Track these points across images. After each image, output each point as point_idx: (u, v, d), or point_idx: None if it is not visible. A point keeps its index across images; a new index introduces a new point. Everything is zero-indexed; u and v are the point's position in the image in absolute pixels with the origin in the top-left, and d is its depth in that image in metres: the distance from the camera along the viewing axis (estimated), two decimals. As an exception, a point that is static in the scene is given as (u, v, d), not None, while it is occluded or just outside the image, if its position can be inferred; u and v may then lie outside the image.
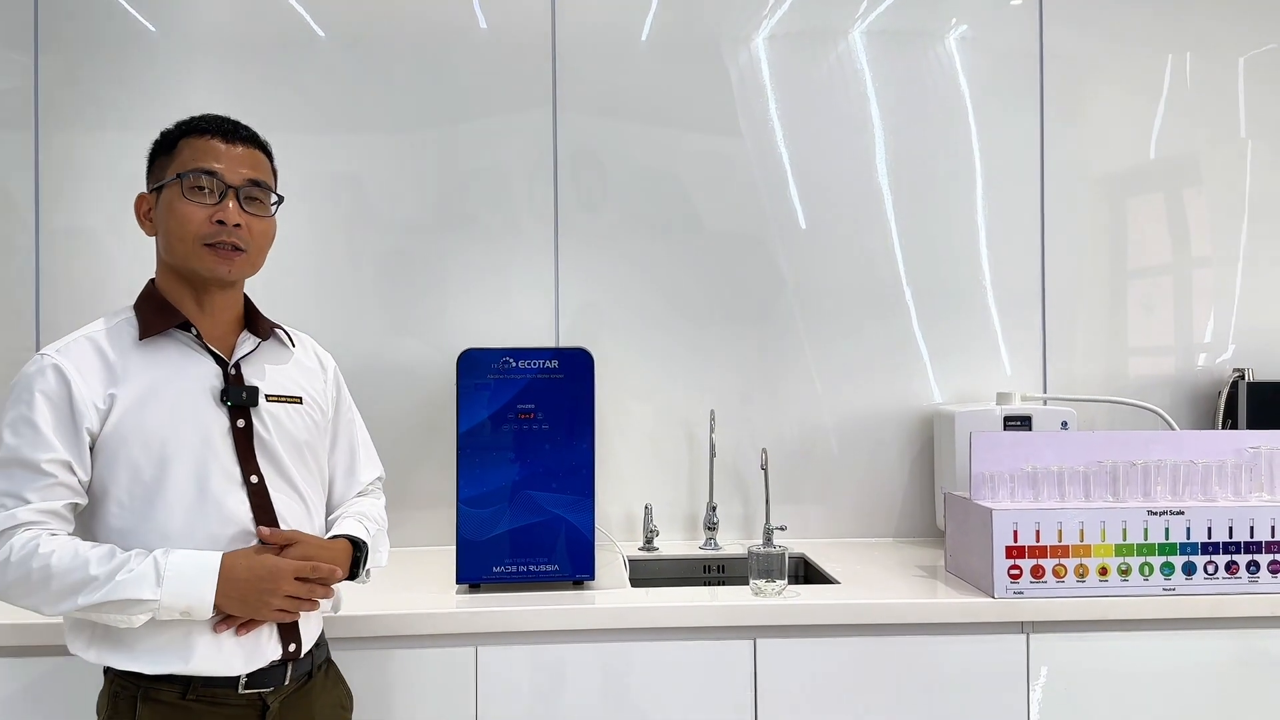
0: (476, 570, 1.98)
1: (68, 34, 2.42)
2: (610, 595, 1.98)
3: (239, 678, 1.42)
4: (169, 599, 1.32)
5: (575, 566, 2.01)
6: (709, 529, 2.45)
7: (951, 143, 2.59)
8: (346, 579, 1.51)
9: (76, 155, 2.41)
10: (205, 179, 1.43)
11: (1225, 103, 2.65)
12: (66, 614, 1.37)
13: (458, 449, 1.98)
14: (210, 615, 1.36)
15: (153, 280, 1.51)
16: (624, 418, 2.51)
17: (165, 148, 1.48)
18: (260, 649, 1.43)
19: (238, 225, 1.44)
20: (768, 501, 2.41)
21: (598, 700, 1.87)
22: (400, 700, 1.83)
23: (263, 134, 1.54)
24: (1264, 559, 1.94)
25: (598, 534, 2.05)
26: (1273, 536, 1.94)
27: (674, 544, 2.50)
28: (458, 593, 1.98)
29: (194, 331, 1.46)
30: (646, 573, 2.35)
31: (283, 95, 2.44)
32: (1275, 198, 2.65)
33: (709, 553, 2.42)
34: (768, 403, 2.56)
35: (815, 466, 2.57)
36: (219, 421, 1.43)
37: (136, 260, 2.40)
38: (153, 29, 2.43)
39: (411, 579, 2.07)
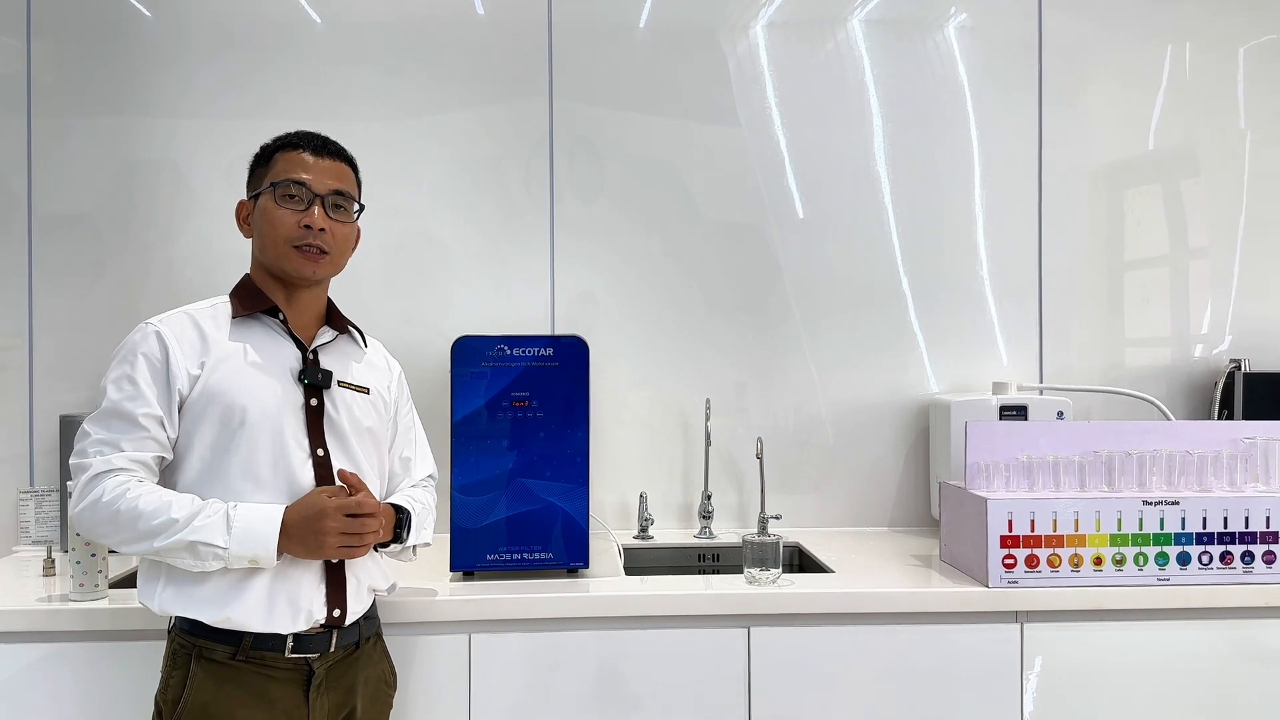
0: (470, 558, 1.98)
1: (61, 19, 2.40)
2: (605, 584, 1.97)
3: (286, 640, 1.52)
4: (237, 547, 1.45)
5: (570, 555, 2.00)
6: (704, 518, 2.44)
7: (950, 132, 2.58)
8: (391, 542, 1.65)
9: (69, 140, 2.40)
10: (295, 188, 1.59)
11: (1224, 94, 2.64)
12: (142, 555, 1.49)
13: (452, 436, 1.97)
14: (275, 562, 1.48)
15: (248, 274, 1.65)
16: (619, 406, 2.51)
17: (262, 160, 1.63)
18: (308, 609, 1.53)
19: (322, 230, 1.59)
20: (763, 490, 2.41)
21: (591, 688, 1.86)
22: (394, 687, 1.82)
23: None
24: (1258, 549, 1.94)
25: (592, 522, 2.05)
26: (1267, 527, 1.94)
27: (669, 533, 2.49)
28: (451, 580, 1.98)
29: (281, 317, 1.61)
30: (641, 561, 2.35)
31: (277, 82, 2.42)
32: (1273, 189, 2.65)
33: (704, 541, 2.42)
34: (764, 392, 2.55)
35: (811, 456, 2.56)
36: (294, 397, 1.57)
37: (128, 245, 2.41)
38: (148, 14, 2.42)
39: (405, 566, 2.06)
